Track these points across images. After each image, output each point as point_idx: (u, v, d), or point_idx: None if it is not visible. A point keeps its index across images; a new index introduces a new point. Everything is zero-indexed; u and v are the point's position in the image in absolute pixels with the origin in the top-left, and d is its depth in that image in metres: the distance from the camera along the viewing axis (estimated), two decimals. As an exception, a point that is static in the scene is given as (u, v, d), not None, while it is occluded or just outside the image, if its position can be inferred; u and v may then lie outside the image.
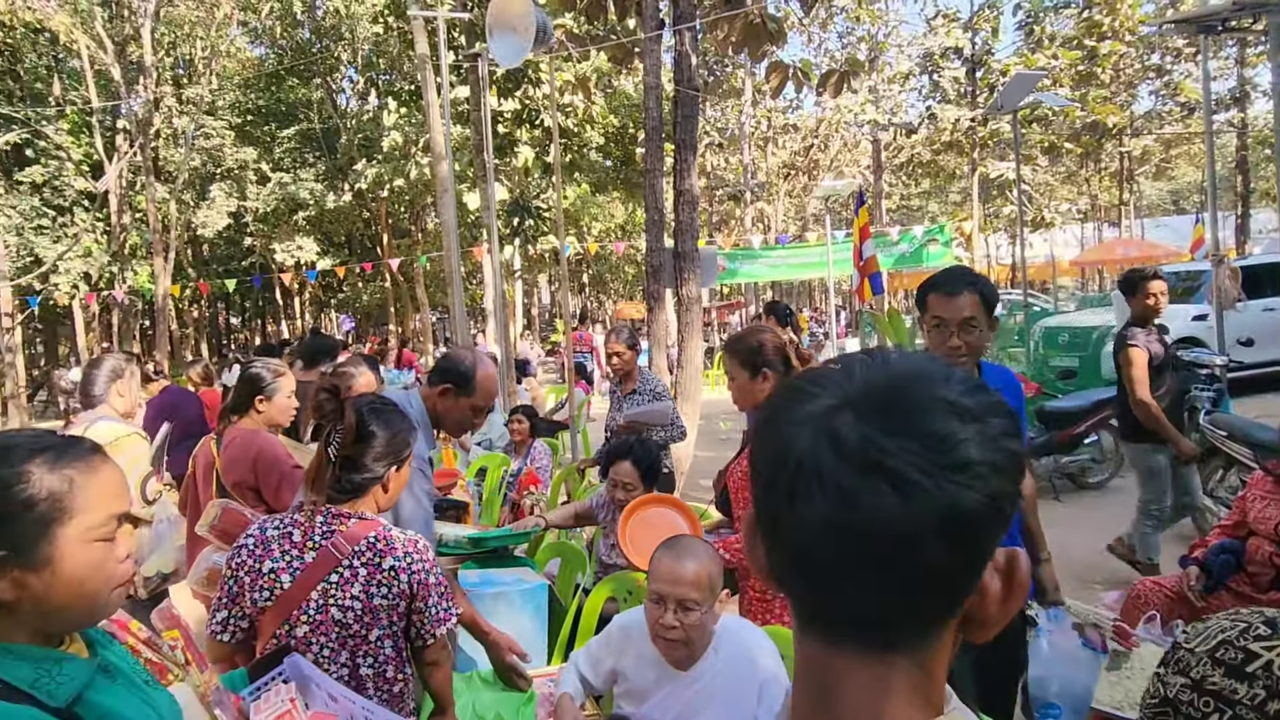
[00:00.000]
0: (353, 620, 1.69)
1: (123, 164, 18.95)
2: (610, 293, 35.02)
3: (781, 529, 0.56)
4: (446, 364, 2.45)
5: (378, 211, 20.54)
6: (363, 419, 1.80)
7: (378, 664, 1.75)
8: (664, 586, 1.77)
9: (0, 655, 0.95)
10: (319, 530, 1.73)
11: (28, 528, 0.97)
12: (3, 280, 17.45)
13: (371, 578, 1.69)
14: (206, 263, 24.07)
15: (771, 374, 2.39)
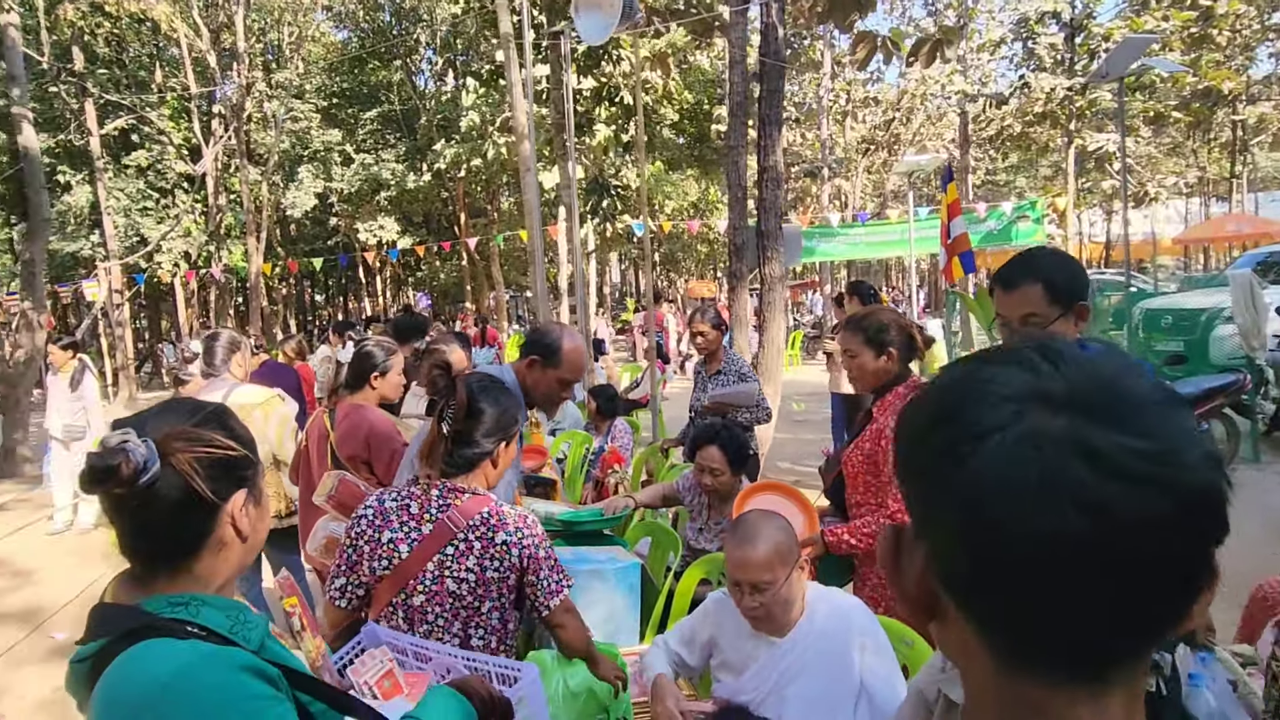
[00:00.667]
0: (466, 592, 1.74)
1: (218, 147, 19.85)
2: (682, 271, 34.82)
3: (979, 544, 0.50)
4: (535, 337, 2.51)
5: (455, 191, 20.92)
6: (473, 396, 1.85)
7: (486, 635, 1.80)
8: (736, 573, 1.80)
9: (200, 605, 1.00)
10: (435, 504, 1.78)
11: (251, 467, 1.10)
12: (113, 259, 18.62)
13: (485, 551, 1.74)
14: (294, 242, 25.06)
15: (896, 353, 2.35)
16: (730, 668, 1.92)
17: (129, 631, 0.93)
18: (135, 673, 0.89)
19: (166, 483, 1.00)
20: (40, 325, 11.48)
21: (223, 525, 1.04)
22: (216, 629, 0.98)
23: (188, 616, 0.98)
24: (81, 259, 20.36)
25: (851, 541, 2.33)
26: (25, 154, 11.40)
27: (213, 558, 1.05)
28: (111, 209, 19.07)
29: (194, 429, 1.04)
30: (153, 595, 1.00)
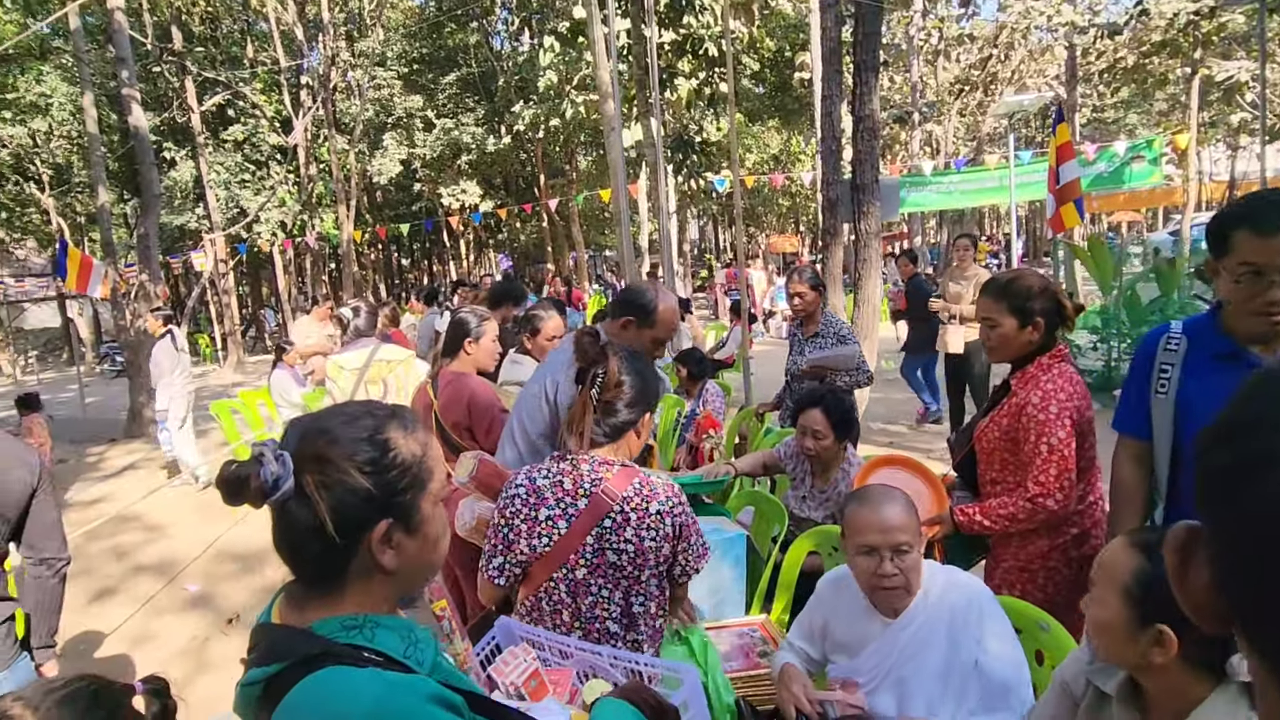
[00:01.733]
0: (626, 562, 1.77)
1: (307, 118, 20.47)
2: (763, 226, 34.05)
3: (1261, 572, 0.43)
4: (628, 297, 2.49)
5: (534, 152, 20.98)
6: (622, 365, 1.85)
7: (646, 601, 1.82)
8: (875, 537, 1.71)
9: (373, 629, 0.95)
10: (588, 479, 1.79)
11: (405, 493, 0.97)
12: (216, 230, 19.62)
13: (641, 522, 1.76)
14: (381, 208, 25.77)
15: (1042, 323, 2.14)
16: (845, 649, 1.85)
17: (306, 658, 0.91)
18: (328, 706, 0.87)
19: (299, 504, 0.96)
20: (156, 295, 12.22)
21: (364, 555, 0.96)
22: (391, 654, 0.95)
23: (363, 642, 0.94)
24: (188, 231, 21.55)
25: (985, 522, 2.19)
26: (136, 133, 12.03)
27: (364, 584, 0.98)
28: (213, 182, 20.04)
29: (336, 449, 0.95)
30: (322, 618, 0.95)
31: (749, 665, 2.31)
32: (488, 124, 20.02)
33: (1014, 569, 2.22)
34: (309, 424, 1.00)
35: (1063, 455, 2.06)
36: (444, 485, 1.04)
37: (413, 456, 0.99)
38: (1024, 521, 2.13)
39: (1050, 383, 2.11)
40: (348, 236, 18.79)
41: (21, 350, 28.05)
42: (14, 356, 26.75)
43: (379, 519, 0.95)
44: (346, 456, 0.95)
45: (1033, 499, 2.09)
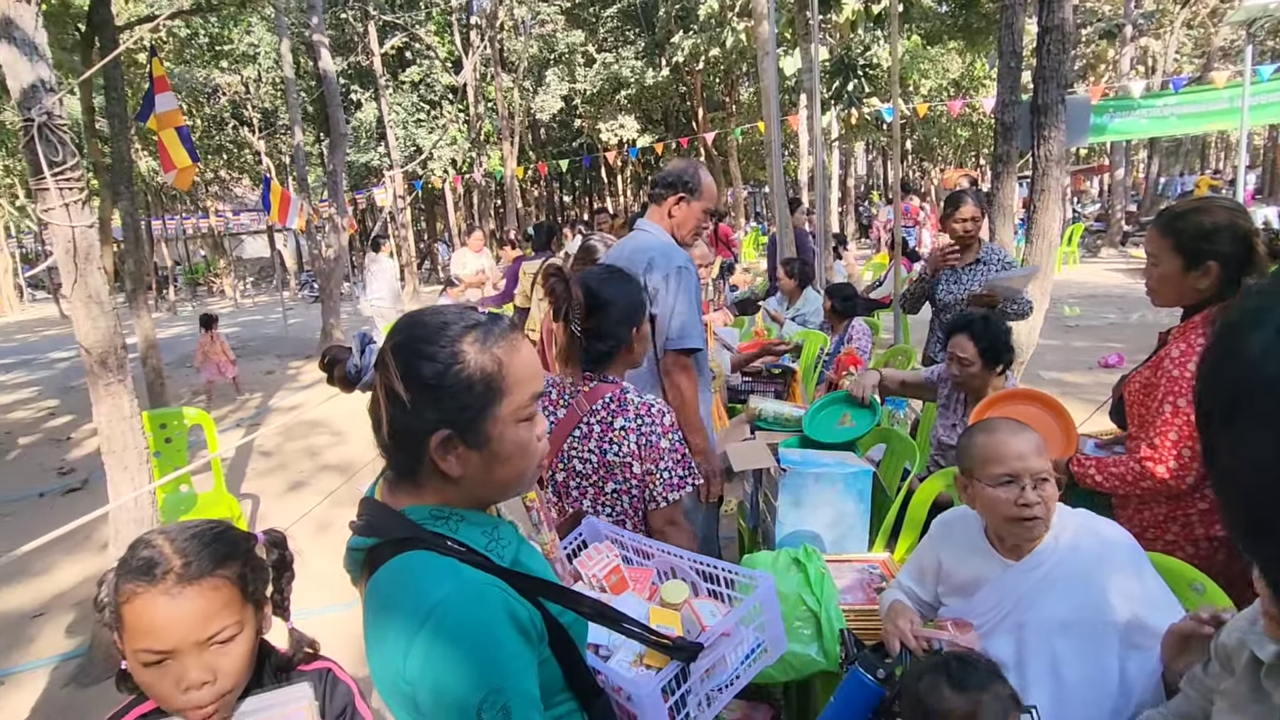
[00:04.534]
0: (590, 472, 1.85)
1: (476, 57, 21.20)
2: (937, 159, 31.45)
3: None
4: (672, 178, 2.63)
5: (693, 85, 20.56)
6: (594, 292, 1.89)
7: (615, 515, 1.87)
8: (1015, 464, 1.57)
9: (458, 522, 1.00)
10: (568, 390, 1.91)
11: (468, 407, 0.96)
12: (396, 168, 21.04)
13: (604, 435, 1.83)
14: (544, 145, 26.45)
15: (1216, 268, 1.82)
16: (959, 591, 1.73)
17: (398, 539, 0.97)
18: (406, 590, 0.93)
19: (374, 399, 1.00)
20: (344, 228, 13.39)
21: (429, 457, 0.97)
22: (474, 546, 0.99)
23: (447, 532, 0.99)
24: (372, 169, 23.26)
25: (1097, 478, 1.97)
26: (325, 76, 13.02)
27: (438, 484, 1.01)
28: (392, 122, 21.40)
29: (399, 356, 0.97)
30: (410, 505, 1.01)
31: (866, 600, 2.24)
32: (647, 57, 19.79)
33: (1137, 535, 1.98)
34: (402, 324, 1.03)
35: (1188, 420, 1.78)
36: (525, 408, 1.01)
37: (480, 372, 0.97)
38: (1130, 485, 1.89)
39: (1203, 338, 1.82)
40: (511, 173, 19.50)
41: (240, 276, 31.95)
42: (234, 282, 30.52)
43: (436, 428, 0.95)
44: (404, 365, 0.96)
45: (1141, 461, 1.84)
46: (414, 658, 0.89)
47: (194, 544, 0.99)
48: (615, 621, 1.13)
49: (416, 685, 0.89)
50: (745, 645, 1.36)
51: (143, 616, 0.94)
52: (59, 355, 15.39)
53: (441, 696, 0.87)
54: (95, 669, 3.28)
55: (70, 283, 3.25)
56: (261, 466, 6.35)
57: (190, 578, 0.96)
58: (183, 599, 0.95)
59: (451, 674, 0.87)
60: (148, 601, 0.94)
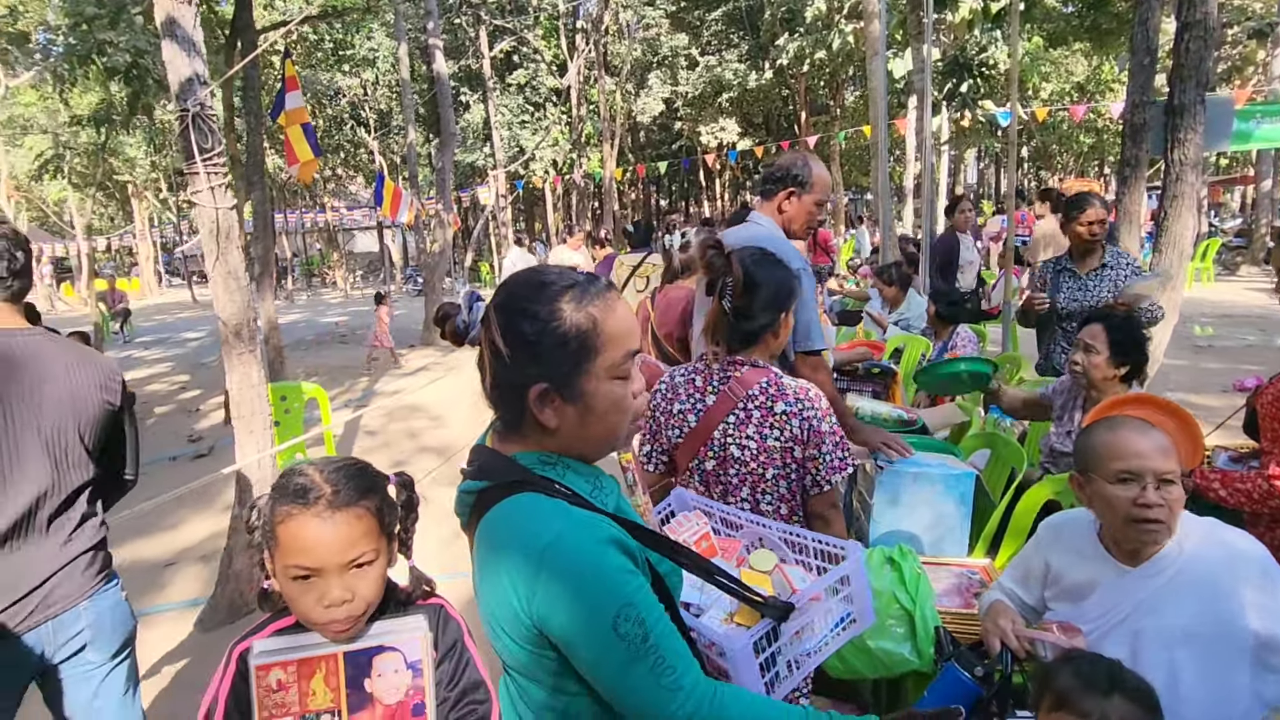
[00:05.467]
0: (749, 458, 1.81)
1: (580, 60, 21.66)
2: (1056, 167, 29.75)
3: None
4: (781, 172, 2.58)
5: (797, 88, 20.31)
6: (749, 272, 1.87)
7: (775, 501, 1.84)
8: (1135, 462, 1.48)
9: (564, 469, 1.06)
10: (717, 376, 1.88)
11: (564, 363, 1.00)
12: (499, 168, 21.74)
13: (764, 420, 1.80)
14: (643, 148, 26.73)
15: None
16: (1068, 595, 1.64)
17: (509, 482, 1.03)
18: (519, 530, 0.99)
19: (480, 352, 1.07)
20: (449, 223, 13.95)
21: (529, 409, 1.02)
22: (579, 492, 1.04)
23: (555, 477, 1.04)
24: (477, 168, 24.11)
25: (1221, 493, 1.85)
26: (438, 78, 13.61)
27: (540, 434, 1.05)
28: (498, 123, 22.13)
29: (502, 313, 1.02)
30: (520, 451, 1.07)
31: (964, 605, 2.17)
32: (750, 60, 19.70)
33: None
34: (508, 282, 1.09)
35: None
36: (619, 366, 1.03)
37: (575, 329, 1.00)
38: (1257, 502, 1.76)
39: None
40: (609, 174, 19.79)
41: (351, 269, 33.78)
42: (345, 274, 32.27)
43: (534, 382, 1.00)
44: (506, 321, 1.01)
45: (1270, 478, 1.70)
46: (539, 594, 0.94)
47: (340, 476, 1.08)
48: (711, 573, 1.15)
49: (545, 619, 0.95)
50: (834, 614, 1.36)
51: (296, 536, 1.03)
52: (191, 335, 16.69)
53: (576, 623, 0.94)
54: (217, 615, 3.55)
55: (212, 260, 3.54)
56: (366, 444, 6.69)
57: (338, 505, 1.05)
58: (331, 523, 1.03)
59: (580, 601, 0.93)
60: (301, 523, 1.03)
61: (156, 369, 12.00)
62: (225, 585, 3.62)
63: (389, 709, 1.08)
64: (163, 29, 3.45)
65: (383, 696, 1.08)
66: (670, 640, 0.98)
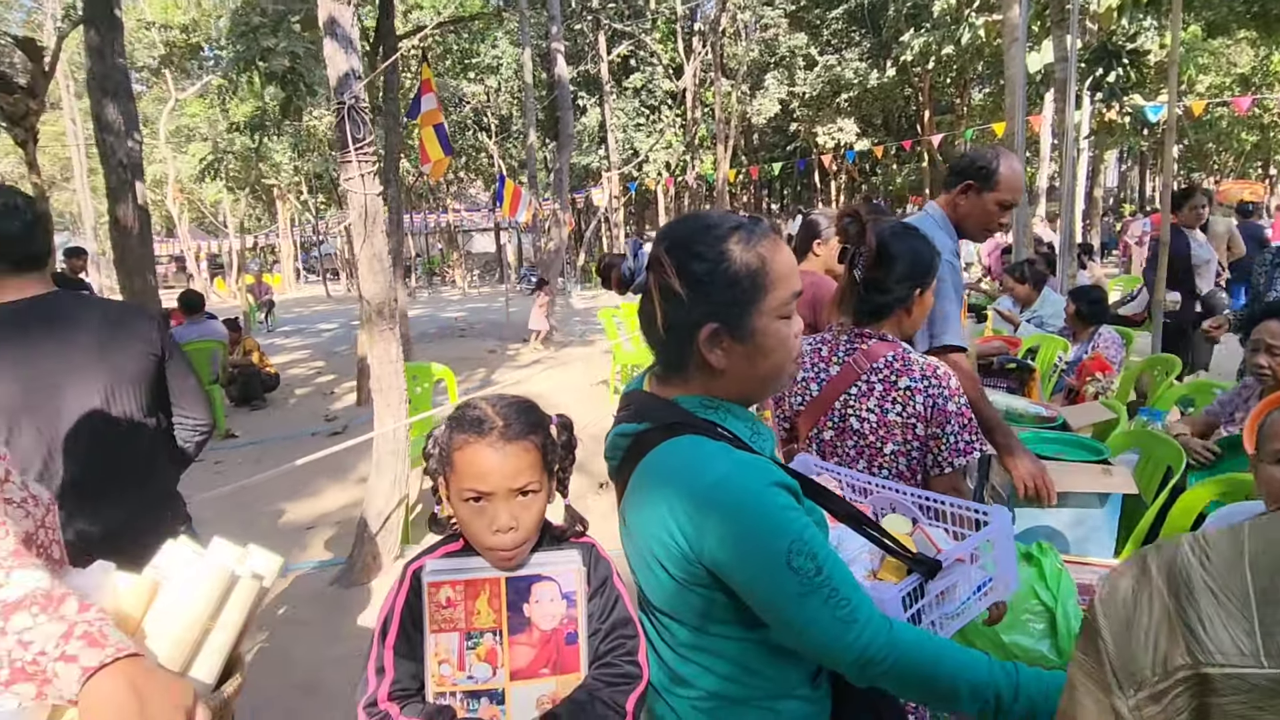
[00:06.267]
0: (868, 431, 1.78)
1: (697, 63, 21.74)
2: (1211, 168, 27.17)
3: None
4: (965, 163, 2.43)
5: (920, 86, 19.59)
6: (884, 242, 1.82)
7: (891, 477, 1.79)
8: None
9: (725, 413, 1.09)
10: (842, 347, 1.85)
11: (734, 302, 1.02)
12: (613, 170, 22.13)
13: (886, 394, 1.75)
14: (756, 150, 26.51)
15: None
16: None
17: (670, 424, 1.06)
18: (685, 469, 1.01)
19: (646, 298, 1.09)
20: (564, 223, 14.33)
21: (698, 351, 1.04)
22: (739, 435, 1.06)
23: (717, 420, 1.07)
24: (591, 170, 24.64)
25: None
26: (559, 82, 14.00)
27: (705, 377, 1.07)
28: (613, 126, 22.54)
29: (672, 255, 1.04)
30: (682, 394, 1.10)
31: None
32: (871, 58, 19.17)
33: None
34: (670, 228, 1.12)
35: None
36: (785, 304, 1.05)
37: (745, 269, 1.02)
38: None
39: None
40: (723, 176, 19.75)
41: (469, 269, 35.28)
42: (464, 273, 33.74)
43: (705, 321, 1.02)
44: (677, 263, 1.03)
45: None
46: (709, 531, 0.97)
47: (511, 411, 1.15)
48: (861, 523, 1.14)
49: (715, 557, 0.98)
50: (975, 579, 1.31)
51: (472, 462, 1.10)
52: (325, 326, 17.91)
53: (748, 560, 0.96)
54: (354, 575, 3.80)
55: (359, 242, 3.79)
56: (485, 429, 6.97)
57: (510, 437, 1.11)
58: (502, 452, 1.10)
59: (752, 537, 0.96)
60: (477, 450, 1.10)
61: (296, 355, 12.94)
62: (360, 548, 3.86)
63: (545, 634, 1.13)
64: (325, 27, 3.73)
65: (539, 622, 1.13)
66: (842, 574, 0.98)
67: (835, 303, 1.96)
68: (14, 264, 1.71)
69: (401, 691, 1.10)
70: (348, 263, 33.45)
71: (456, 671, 1.11)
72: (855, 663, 0.97)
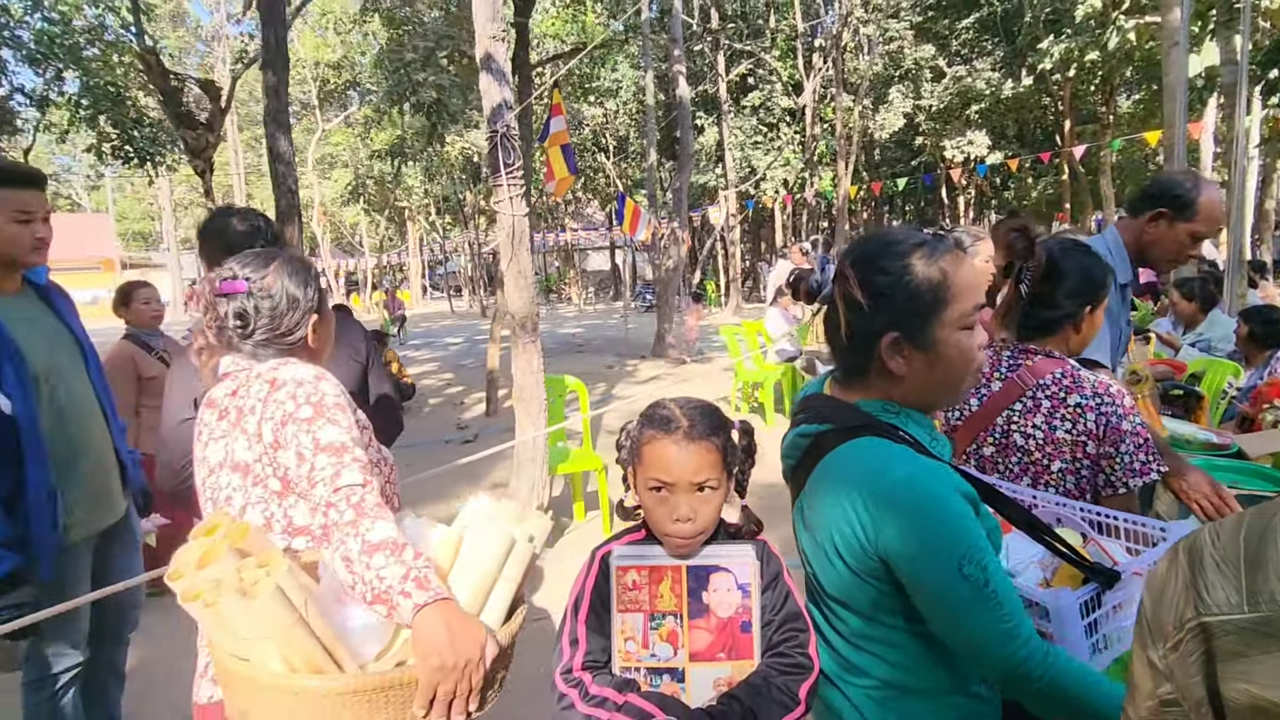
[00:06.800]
0: (1034, 448, 1.73)
1: (817, 79, 21.52)
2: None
3: None
4: (1159, 189, 2.29)
5: (1060, 95, 18.54)
6: (1055, 258, 1.79)
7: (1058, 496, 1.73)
8: None
9: (906, 418, 1.16)
10: (1005, 364, 1.81)
11: (915, 313, 1.10)
12: (730, 188, 22.19)
13: (1054, 411, 1.70)
14: (878, 166, 25.86)
15: None
16: None
17: (851, 426, 1.14)
18: (868, 467, 1.09)
19: (832, 308, 1.18)
20: (682, 241, 14.50)
21: (879, 357, 1.11)
22: (919, 440, 1.12)
23: (898, 424, 1.14)
24: (707, 189, 24.80)
25: None
26: (680, 102, 14.25)
27: (885, 383, 1.14)
28: (731, 145, 22.62)
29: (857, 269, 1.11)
30: (862, 399, 1.17)
31: None
32: (1005, 67, 18.33)
33: None
34: (856, 245, 1.20)
35: None
36: (967, 316, 1.10)
37: (927, 282, 1.09)
38: None
39: None
40: (844, 193, 19.38)
41: (584, 286, 36.26)
42: (580, 290, 34.70)
43: (887, 330, 1.10)
44: (861, 276, 1.12)
45: None
46: (887, 528, 1.04)
47: (697, 412, 1.24)
48: (1040, 530, 1.17)
49: (891, 553, 1.05)
50: None
51: (659, 456, 1.21)
52: (451, 340, 18.91)
53: (923, 560, 1.03)
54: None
55: (506, 260, 4.03)
56: (608, 441, 7.15)
57: (694, 436, 1.21)
58: (686, 450, 1.20)
59: (929, 539, 1.02)
60: (664, 445, 1.21)
61: (426, 367, 13.73)
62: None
63: (722, 621, 1.20)
64: (481, 63, 4.03)
65: (717, 609, 1.21)
66: (1008, 589, 1.03)
67: (997, 318, 1.94)
68: None
69: (593, 662, 1.20)
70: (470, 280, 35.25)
71: (641, 649, 1.20)
72: (1011, 674, 1.02)
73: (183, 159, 14.53)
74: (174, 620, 2.51)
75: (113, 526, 2.28)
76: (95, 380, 2.26)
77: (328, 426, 1.27)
